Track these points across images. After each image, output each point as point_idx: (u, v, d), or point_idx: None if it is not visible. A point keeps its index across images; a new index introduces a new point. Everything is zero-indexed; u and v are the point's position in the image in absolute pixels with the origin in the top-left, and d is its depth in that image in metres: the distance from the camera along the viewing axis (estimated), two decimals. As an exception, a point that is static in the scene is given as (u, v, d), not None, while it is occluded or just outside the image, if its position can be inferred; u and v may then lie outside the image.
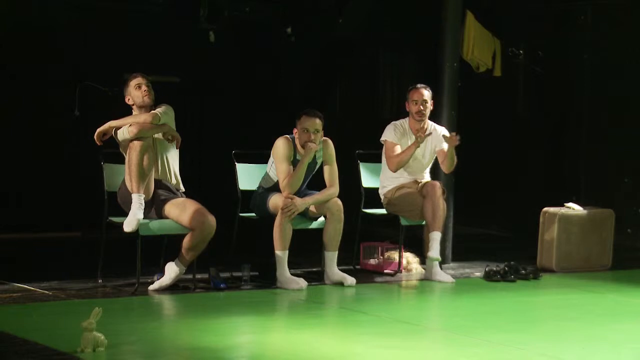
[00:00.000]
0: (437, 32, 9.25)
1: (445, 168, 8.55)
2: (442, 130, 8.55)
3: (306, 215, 7.96)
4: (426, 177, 8.63)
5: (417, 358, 5.79)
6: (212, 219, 7.37)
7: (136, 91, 7.54)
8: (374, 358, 5.75)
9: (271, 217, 7.83)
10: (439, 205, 8.24)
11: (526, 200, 10.99)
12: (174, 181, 7.65)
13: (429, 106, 8.47)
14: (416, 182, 8.51)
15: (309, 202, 7.85)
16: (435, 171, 8.78)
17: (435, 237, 8.20)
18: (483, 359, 5.76)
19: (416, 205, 8.34)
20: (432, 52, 9.36)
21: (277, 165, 7.89)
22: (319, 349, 5.86)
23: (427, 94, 8.46)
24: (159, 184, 7.54)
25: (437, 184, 8.38)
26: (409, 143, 8.41)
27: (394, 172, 8.45)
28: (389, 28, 11.70)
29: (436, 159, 8.61)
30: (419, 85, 8.51)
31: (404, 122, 8.53)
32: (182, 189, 7.71)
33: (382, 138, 8.51)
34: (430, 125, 8.54)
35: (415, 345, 6.05)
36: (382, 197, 8.61)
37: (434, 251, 8.18)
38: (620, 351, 6.00)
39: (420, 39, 11.27)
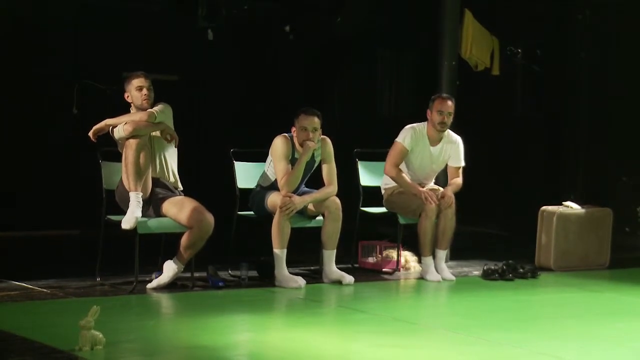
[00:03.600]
0: (435, 31, 9.25)
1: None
2: (458, 141, 8.45)
3: (304, 214, 7.96)
4: (431, 182, 8.60)
5: (415, 356, 5.78)
6: (210, 218, 7.37)
7: (137, 92, 7.52)
8: (372, 356, 5.75)
9: (269, 216, 7.83)
10: (451, 226, 8.29)
11: (524, 198, 10.99)
12: (172, 179, 7.65)
13: (452, 118, 8.38)
14: (421, 184, 8.45)
15: (307, 200, 7.85)
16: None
17: (441, 256, 8.30)
18: (481, 357, 5.76)
19: (414, 206, 8.31)
20: (431, 51, 9.35)
21: (276, 164, 7.88)
22: (317, 348, 5.86)
23: (452, 105, 8.36)
24: (157, 182, 7.54)
25: (452, 197, 8.29)
26: (424, 150, 8.37)
27: (386, 174, 8.44)
28: (387, 26, 11.70)
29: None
30: (444, 96, 8.42)
31: (423, 128, 8.39)
32: (180, 187, 7.71)
33: (397, 139, 8.37)
34: (447, 133, 8.44)
35: (413, 344, 6.05)
36: (383, 191, 8.58)
37: (446, 272, 8.31)
38: (618, 349, 6.01)
39: (418, 38, 11.27)
